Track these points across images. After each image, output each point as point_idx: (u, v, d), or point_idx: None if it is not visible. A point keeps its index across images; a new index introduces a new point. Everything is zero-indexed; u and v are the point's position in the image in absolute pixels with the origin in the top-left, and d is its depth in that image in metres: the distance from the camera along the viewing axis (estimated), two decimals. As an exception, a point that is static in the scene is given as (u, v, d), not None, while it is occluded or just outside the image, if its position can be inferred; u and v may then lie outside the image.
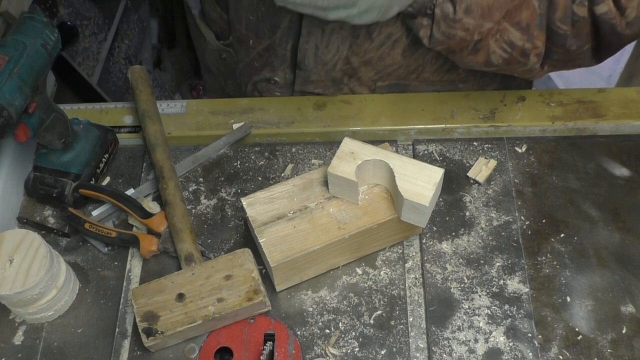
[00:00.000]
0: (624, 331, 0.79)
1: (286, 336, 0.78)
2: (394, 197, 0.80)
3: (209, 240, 0.89)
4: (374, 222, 0.80)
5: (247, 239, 0.87)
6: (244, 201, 0.83)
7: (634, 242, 0.86)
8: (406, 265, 0.86)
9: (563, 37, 0.81)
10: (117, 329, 0.82)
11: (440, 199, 0.90)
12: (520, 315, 0.80)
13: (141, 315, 0.78)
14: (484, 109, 0.97)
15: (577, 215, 0.88)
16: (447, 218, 0.89)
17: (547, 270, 0.84)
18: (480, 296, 0.82)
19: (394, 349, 0.79)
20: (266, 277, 0.84)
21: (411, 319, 0.81)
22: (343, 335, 0.80)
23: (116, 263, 0.88)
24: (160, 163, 0.91)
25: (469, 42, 0.82)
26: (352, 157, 0.79)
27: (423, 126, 0.97)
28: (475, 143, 0.95)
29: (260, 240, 0.80)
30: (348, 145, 0.80)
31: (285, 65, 1.01)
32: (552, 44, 0.82)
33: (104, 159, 0.95)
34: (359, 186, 0.80)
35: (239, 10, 0.97)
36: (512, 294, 0.82)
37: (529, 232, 0.87)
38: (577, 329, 0.79)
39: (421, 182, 0.76)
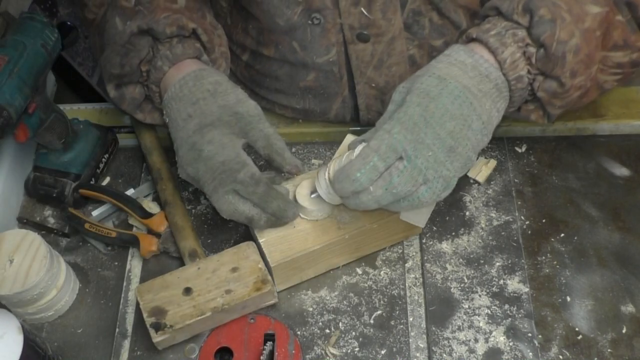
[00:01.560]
0: (624, 331, 0.79)
1: (286, 336, 0.78)
2: None
3: (209, 241, 0.89)
4: (374, 222, 0.80)
5: (247, 239, 0.87)
6: None
7: (634, 241, 0.86)
8: (406, 265, 0.85)
9: None
10: (117, 329, 0.82)
11: (440, 199, 0.89)
12: (520, 315, 0.80)
13: (148, 311, 0.77)
14: (484, 108, 0.97)
15: (577, 215, 0.88)
16: (447, 218, 0.89)
17: (547, 270, 0.84)
18: (480, 296, 0.82)
19: (394, 349, 0.79)
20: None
21: (411, 319, 0.81)
22: (343, 335, 0.80)
23: (116, 263, 0.88)
24: (158, 166, 0.91)
25: (585, 90, 0.79)
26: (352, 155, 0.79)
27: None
28: (475, 143, 0.95)
29: (260, 240, 0.80)
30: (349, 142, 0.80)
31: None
32: None
33: (103, 159, 0.95)
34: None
35: (281, 101, 0.97)
36: (512, 294, 0.82)
37: (529, 232, 0.87)
38: (577, 329, 0.79)
39: None
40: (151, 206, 0.91)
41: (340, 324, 0.81)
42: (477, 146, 0.73)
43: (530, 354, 0.77)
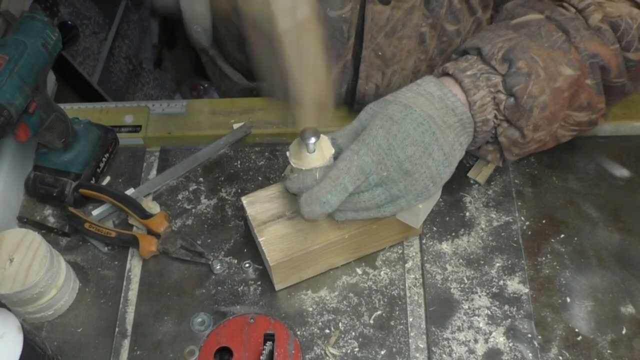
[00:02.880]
0: (623, 332, 0.79)
1: (286, 336, 0.78)
2: None
3: (209, 240, 0.89)
4: (374, 222, 0.80)
5: (248, 238, 0.87)
6: (244, 200, 0.83)
7: (634, 242, 0.86)
8: (406, 265, 0.86)
9: (621, 87, 0.82)
10: (117, 329, 0.82)
11: (441, 199, 0.89)
12: (520, 316, 0.80)
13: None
14: (484, 109, 0.97)
15: (577, 216, 0.88)
16: (447, 218, 0.89)
17: (547, 271, 0.84)
18: (480, 296, 0.82)
19: (394, 349, 0.79)
20: (265, 276, 0.84)
21: (411, 319, 0.81)
22: (343, 336, 0.80)
23: (116, 263, 0.88)
24: None
25: (542, 144, 0.82)
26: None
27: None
28: (475, 143, 0.95)
29: (260, 239, 0.80)
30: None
31: (339, 101, 0.99)
32: (611, 95, 0.82)
33: (104, 159, 0.95)
34: None
35: (270, 73, 0.96)
36: (512, 295, 0.82)
37: (529, 233, 0.87)
38: (576, 330, 0.79)
39: None
40: (151, 206, 0.91)
41: (340, 324, 0.81)
42: (437, 177, 0.74)
43: (530, 354, 0.77)
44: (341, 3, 0.87)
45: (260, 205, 0.82)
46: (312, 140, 0.72)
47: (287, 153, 0.76)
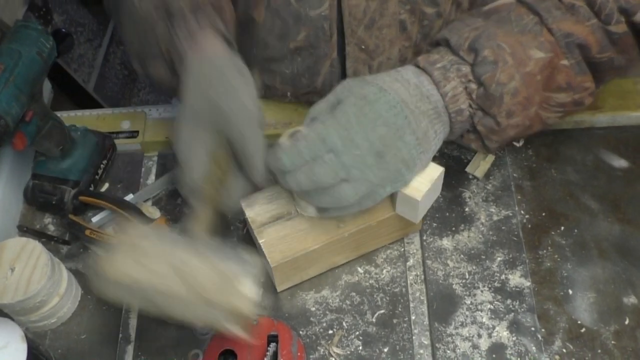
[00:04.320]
0: (626, 322, 0.79)
1: (289, 337, 0.78)
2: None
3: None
4: (373, 220, 0.80)
5: (247, 240, 0.87)
6: (243, 202, 0.83)
7: (635, 233, 0.86)
8: (407, 262, 0.86)
9: (609, 62, 0.80)
10: (120, 335, 0.82)
11: (440, 195, 0.89)
12: (522, 310, 0.80)
13: None
14: (481, 104, 0.97)
15: (576, 208, 0.88)
16: (447, 214, 0.89)
17: (549, 264, 0.84)
18: (482, 291, 0.82)
19: (397, 347, 0.79)
20: (267, 277, 0.84)
21: (414, 317, 0.81)
22: (346, 335, 0.80)
23: (117, 269, 0.88)
24: None
25: (524, 128, 0.81)
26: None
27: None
28: (473, 139, 0.95)
29: (260, 241, 0.80)
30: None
31: None
32: (600, 71, 0.81)
33: (102, 165, 0.95)
34: None
35: (270, 65, 0.96)
36: (514, 289, 0.82)
37: (529, 226, 0.87)
38: (579, 322, 0.80)
39: (419, 177, 0.76)
40: (151, 211, 0.91)
41: (344, 323, 0.81)
42: (410, 161, 0.74)
43: (534, 348, 0.77)
44: (319, 1, 0.87)
45: (259, 207, 0.82)
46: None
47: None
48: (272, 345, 0.77)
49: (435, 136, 0.76)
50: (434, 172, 0.77)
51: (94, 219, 0.91)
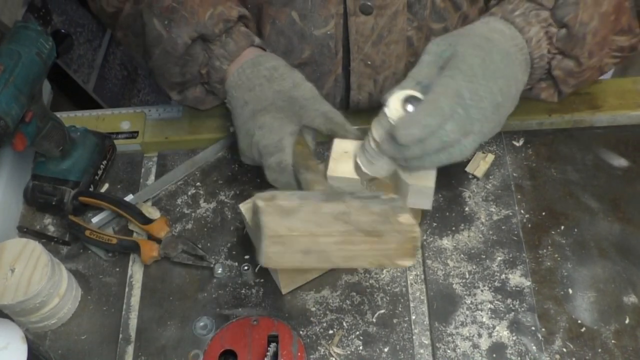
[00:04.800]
0: (627, 321, 0.79)
1: (290, 337, 0.78)
2: (396, 186, 0.80)
3: (209, 244, 0.89)
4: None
5: (248, 241, 0.87)
6: (242, 207, 0.82)
7: (634, 232, 0.86)
8: (407, 262, 0.85)
9: None
10: (120, 335, 0.82)
11: (440, 195, 0.90)
12: (523, 309, 0.80)
13: None
14: (481, 103, 0.97)
15: (576, 207, 0.88)
16: (447, 214, 0.89)
17: (549, 263, 0.84)
18: (482, 291, 0.82)
19: (398, 347, 0.79)
20: (267, 277, 0.84)
21: (414, 316, 0.81)
22: (346, 335, 0.80)
23: (117, 269, 0.88)
24: None
25: (596, 71, 0.82)
26: (347, 156, 0.78)
27: (420, 123, 0.96)
28: (472, 138, 0.95)
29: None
30: (340, 145, 0.80)
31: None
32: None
33: (102, 166, 0.95)
34: (360, 184, 0.79)
35: None
36: (514, 288, 0.82)
37: (529, 226, 0.87)
38: (580, 321, 0.80)
39: None
40: (151, 211, 0.91)
41: (344, 323, 0.81)
42: (508, 113, 0.74)
43: (534, 347, 0.77)
44: (324, 21, 0.87)
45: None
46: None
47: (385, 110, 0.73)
48: (272, 345, 0.77)
49: (523, 87, 0.76)
50: None
51: (94, 220, 0.91)
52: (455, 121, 0.68)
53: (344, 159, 0.78)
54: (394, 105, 0.71)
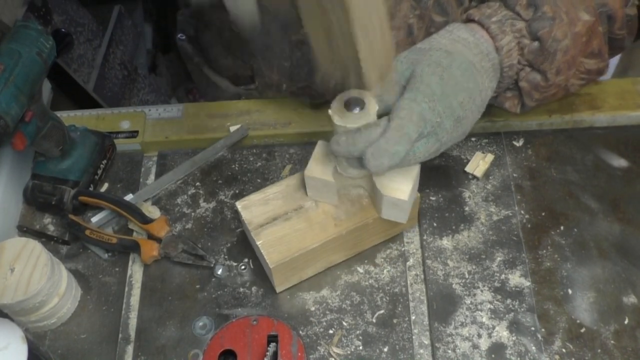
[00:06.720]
0: (626, 322, 0.79)
1: (289, 337, 0.78)
2: (373, 195, 0.80)
3: (209, 244, 0.89)
4: (370, 217, 0.80)
5: (245, 242, 0.87)
6: (239, 204, 0.82)
7: (634, 232, 0.86)
8: (407, 262, 0.86)
9: (621, 41, 0.84)
10: (120, 335, 0.82)
11: (440, 195, 0.90)
12: (522, 309, 0.80)
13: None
14: (481, 104, 0.97)
15: (576, 208, 0.88)
16: (447, 214, 0.89)
17: (548, 264, 0.84)
18: (482, 291, 0.82)
19: (397, 347, 0.79)
20: (267, 277, 0.84)
21: (414, 317, 0.81)
22: (346, 335, 0.80)
23: (117, 269, 0.88)
24: None
25: (560, 89, 0.84)
26: (328, 160, 0.79)
27: (420, 123, 0.96)
28: (472, 138, 0.95)
29: (258, 243, 0.80)
30: (324, 147, 0.80)
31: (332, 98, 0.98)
32: (611, 48, 0.84)
33: (102, 165, 0.95)
34: (336, 187, 0.79)
35: (269, 58, 0.95)
36: (514, 288, 0.82)
37: (529, 226, 0.87)
38: (579, 322, 0.80)
39: (398, 177, 0.76)
40: (151, 211, 0.91)
41: (344, 323, 0.81)
42: (473, 122, 0.76)
43: (534, 348, 0.77)
44: None
45: (255, 208, 0.82)
46: (362, 102, 0.72)
47: (329, 112, 0.73)
48: (272, 345, 0.77)
49: (491, 94, 0.78)
50: (413, 169, 0.77)
51: (94, 219, 0.91)
52: (422, 144, 0.72)
53: (324, 161, 0.79)
54: (337, 106, 0.73)
